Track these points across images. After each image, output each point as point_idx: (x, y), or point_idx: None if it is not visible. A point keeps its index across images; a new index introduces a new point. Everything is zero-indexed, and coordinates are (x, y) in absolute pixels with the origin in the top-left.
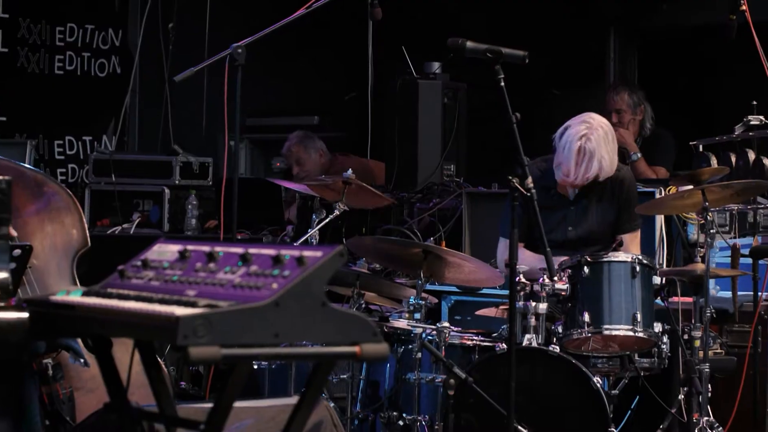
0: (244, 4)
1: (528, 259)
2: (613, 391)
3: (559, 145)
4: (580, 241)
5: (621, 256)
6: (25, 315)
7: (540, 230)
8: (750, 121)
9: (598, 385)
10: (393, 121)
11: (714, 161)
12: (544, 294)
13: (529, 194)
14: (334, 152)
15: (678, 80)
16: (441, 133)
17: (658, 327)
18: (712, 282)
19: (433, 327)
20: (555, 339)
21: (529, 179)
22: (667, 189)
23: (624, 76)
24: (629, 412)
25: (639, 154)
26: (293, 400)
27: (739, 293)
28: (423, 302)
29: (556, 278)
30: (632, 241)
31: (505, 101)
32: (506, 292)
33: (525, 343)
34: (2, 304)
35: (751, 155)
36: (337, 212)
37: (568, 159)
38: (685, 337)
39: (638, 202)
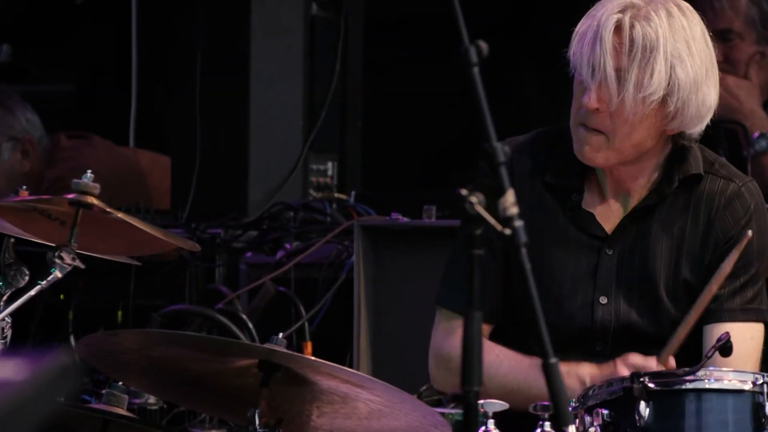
0: None
1: (504, 369)
2: None
3: (576, 46)
4: (625, 331)
5: (728, 377)
6: None
7: (534, 305)
8: None
9: None
10: (191, 58)
11: None
12: None
13: (508, 231)
14: (56, 132)
15: None
16: (304, 86)
17: None
18: None
19: None
20: None
21: (509, 194)
22: None
23: None
24: None
25: None
26: None
27: None
28: None
29: (572, 427)
30: (748, 342)
31: (456, 17)
32: None
33: None
34: None
35: None
36: (57, 273)
37: (598, 53)
38: None
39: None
